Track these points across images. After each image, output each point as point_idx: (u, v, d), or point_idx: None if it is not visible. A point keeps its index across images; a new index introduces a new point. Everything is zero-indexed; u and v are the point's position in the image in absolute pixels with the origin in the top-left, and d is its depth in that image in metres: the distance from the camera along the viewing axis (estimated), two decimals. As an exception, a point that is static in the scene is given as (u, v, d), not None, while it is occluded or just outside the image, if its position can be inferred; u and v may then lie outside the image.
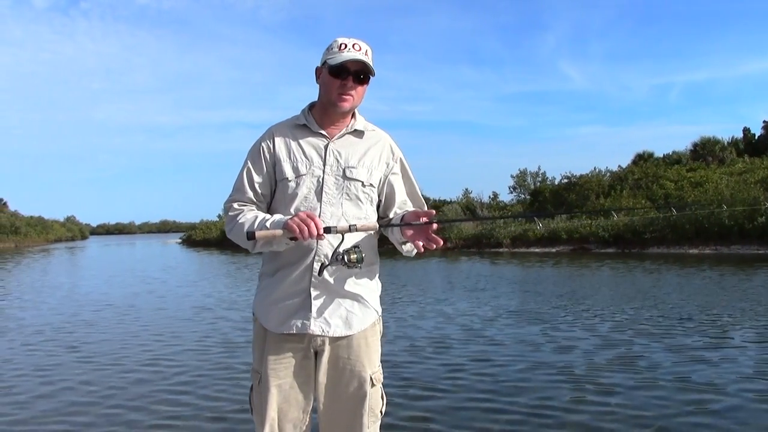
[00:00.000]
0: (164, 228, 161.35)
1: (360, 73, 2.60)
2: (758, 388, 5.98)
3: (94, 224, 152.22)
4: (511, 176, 48.42)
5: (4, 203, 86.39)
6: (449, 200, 48.44)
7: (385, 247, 2.87)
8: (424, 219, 2.46)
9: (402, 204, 2.79)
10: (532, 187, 46.11)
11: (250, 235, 2.41)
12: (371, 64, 2.60)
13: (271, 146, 2.67)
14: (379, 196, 2.77)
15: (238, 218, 2.61)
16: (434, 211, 2.55)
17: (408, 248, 2.63)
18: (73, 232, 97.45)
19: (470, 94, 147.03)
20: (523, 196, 46.81)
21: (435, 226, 2.47)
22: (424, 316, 10.99)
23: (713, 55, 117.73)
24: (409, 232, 2.53)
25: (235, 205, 2.68)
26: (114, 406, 5.91)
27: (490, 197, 48.26)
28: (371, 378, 2.64)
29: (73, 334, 9.94)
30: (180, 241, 65.83)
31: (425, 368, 7.19)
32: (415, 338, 8.97)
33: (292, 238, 2.43)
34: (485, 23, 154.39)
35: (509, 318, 10.59)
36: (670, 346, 7.94)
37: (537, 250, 31.11)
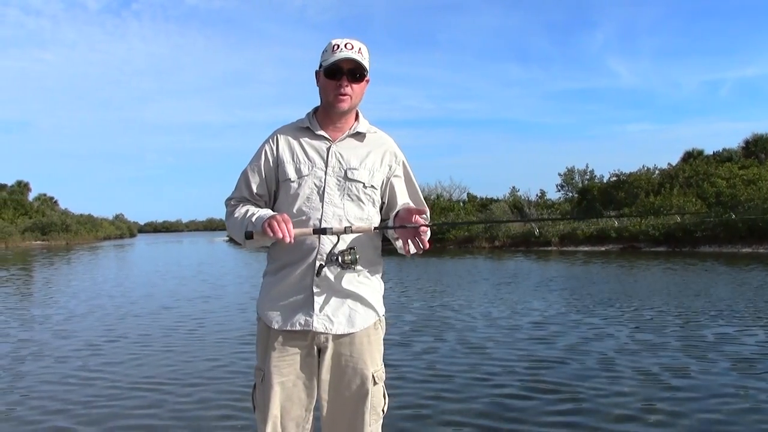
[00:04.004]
0: (210, 226, 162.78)
1: (354, 72, 2.64)
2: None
3: (142, 222, 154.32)
4: (559, 174, 48.11)
5: (55, 201, 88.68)
6: (496, 198, 48.12)
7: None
8: (416, 217, 2.48)
9: (403, 207, 2.79)
10: (580, 185, 45.57)
11: (248, 235, 2.52)
12: (364, 61, 2.64)
13: (275, 148, 2.74)
14: (381, 198, 2.79)
15: (234, 214, 2.73)
16: (426, 209, 2.63)
17: (400, 245, 2.63)
18: (122, 230, 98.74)
19: (518, 92, 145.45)
20: (570, 194, 46.31)
21: (423, 228, 2.47)
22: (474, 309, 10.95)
23: (765, 51, 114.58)
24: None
25: (232, 203, 2.80)
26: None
27: (537, 195, 47.94)
28: (373, 376, 2.67)
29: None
30: (227, 239, 66.48)
31: (465, 365, 7.09)
32: (464, 331, 8.92)
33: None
34: (533, 21, 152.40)
35: (558, 317, 10.48)
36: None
37: (586, 248, 30.78)
